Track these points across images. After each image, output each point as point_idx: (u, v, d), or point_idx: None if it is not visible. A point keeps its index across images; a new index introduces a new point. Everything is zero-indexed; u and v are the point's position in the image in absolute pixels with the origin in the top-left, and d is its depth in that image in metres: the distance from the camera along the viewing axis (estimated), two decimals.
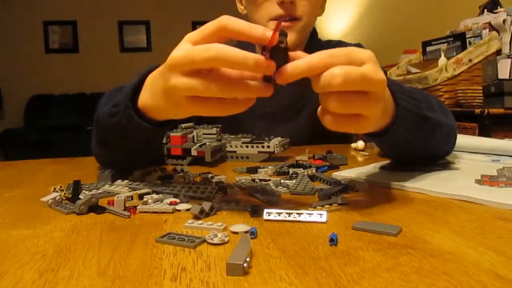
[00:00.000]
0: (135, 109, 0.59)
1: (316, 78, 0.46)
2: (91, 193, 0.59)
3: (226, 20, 0.46)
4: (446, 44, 2.15)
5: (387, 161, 0.78)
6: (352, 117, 0.48)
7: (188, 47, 0.47)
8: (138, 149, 0.68)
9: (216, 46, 0.45)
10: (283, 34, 0.45)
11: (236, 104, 0.49)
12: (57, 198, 0.56)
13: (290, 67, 0.46)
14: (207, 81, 0.46)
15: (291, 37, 1.01)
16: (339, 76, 0.44)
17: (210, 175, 0.69)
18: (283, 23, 1.00)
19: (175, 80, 0.47)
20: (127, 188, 0.61)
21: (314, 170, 0.73)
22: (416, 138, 0.63)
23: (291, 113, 1.14)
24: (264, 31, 0.44)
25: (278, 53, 0.45)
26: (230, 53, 0.44)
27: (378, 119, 0.53)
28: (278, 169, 0.74)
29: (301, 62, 0.46)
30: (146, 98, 0.57)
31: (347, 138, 1.18)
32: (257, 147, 0.86)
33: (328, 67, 0.45)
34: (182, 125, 0.88)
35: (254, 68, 0.44)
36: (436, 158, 0.77)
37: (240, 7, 1.16)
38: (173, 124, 0.63)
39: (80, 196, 0.57)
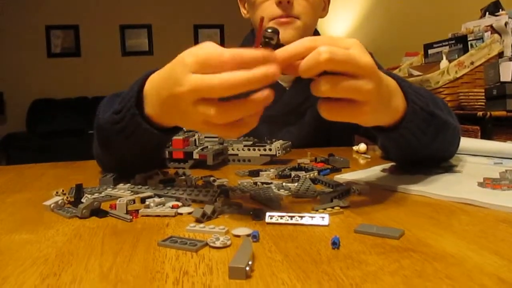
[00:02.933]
0: (143, 116, 0.59)
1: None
2: (93, 197, 0.59)
3: (229, 55, 0.45)
4: (448, 47, 2.15)
5: (389, 164, 0.78)
6: (347, 104, 0.49)
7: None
8: (143, 154, 0.68)
9: (227, 52, 0.45)
10: (275, 32, 0.46)
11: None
12: (59, 202, 0.56)
13: (279, 52, 0.46)
14: (211, 79, 0.46)
15: (288, 34, 1.02)
16: (325, 53, 0.45)
17: (212, 178, 0.69)
18: (281, 20, 1.02)
19: (183, 84, 0.48)
20: (129, 191, 0.61)
21: (316, 173, 0.73)
22: (425, 136, 0.63)
23: (294, 117, 1.14)
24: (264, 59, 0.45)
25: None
26: (241, 56, 0.45)
27: (379, 108, 0.52)
28: (280, 172, 0.74)
29: (288, 46, 0.47)
30: (154, 109, 0.58)
31: (351, 142, 1.18)
32: (259, 150, 0.86)
33: (314, 49, 0.46)
34: (184, 128, 0.88)
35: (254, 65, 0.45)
36: (442, 160, 0.76)
37: (243, 11, 1.17)
38: (180, 129, 0.63)
39: (82, 200, 0.57)
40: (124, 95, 0.61)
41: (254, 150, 0.86)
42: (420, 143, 0.64)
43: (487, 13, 2.15)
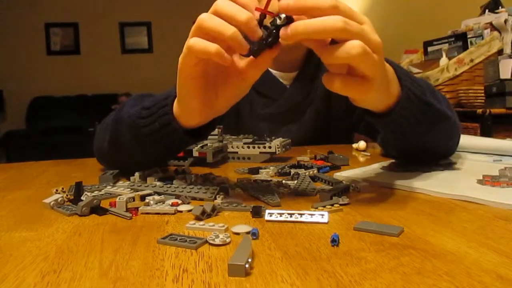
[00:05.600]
0: (173, 116, 0.61)
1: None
2: (93, 194, 0.59)
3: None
4: (447, 44, 2.15)
5: (388, 162, 0.78)
6: (357, 79, 0.49)
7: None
8: (158, 153, 0.69)
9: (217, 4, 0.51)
10: (279, 17, 0.47)
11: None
12: (59, 199, 0.56)
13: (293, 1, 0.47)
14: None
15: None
16: (340, 22, 0.46)
17: (211, 176, 0.69)
18: None
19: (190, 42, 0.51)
20: (128, 189, 0.61)
21: (315, 171, 0.73)
22: (420, 125, 0.62)
23: (295, 115, 1.14)
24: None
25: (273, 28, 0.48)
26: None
27: (380, 88, 0.53)
28: (280, 170, 0.74)
29: None
30: (176, 104, 0.60)
31: (351, 139, 1.18)
32: (259, 147, 0.86)
33: (330, 10, 0.47)
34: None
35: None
36: (441, 155, 0.76)
37: None
38: (205, 135, 0.66)
39: (82, 198, 0.57)
40: (158, 96, 0.64)
41: (254, 147, 0.86)
42: (415, 131, 0.64)
43: (486, 10, 2.15)
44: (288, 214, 0.47)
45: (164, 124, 0.61)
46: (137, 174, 0.68)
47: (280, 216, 0.47)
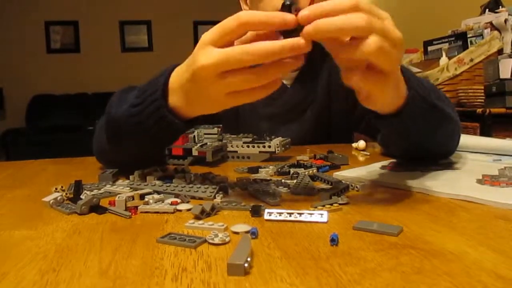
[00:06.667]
0: (167, 109, 0.59)
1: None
2: (92, 193, 0.59)
3: (245, 16, 0.47)
4: (447, 44, 2.15)
5: (388, 161, 0.78)
6: (375, 74, 0.49)
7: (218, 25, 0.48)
8: (156, 147, 0.69)
9: (243, 13, 0.47)
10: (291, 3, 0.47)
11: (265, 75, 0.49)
12: (59, 198, 0.56)
13: (314, 6, 0.47)
14: (238, 52, 0.47)
15: None
16: (363, 20, 0.45)
17: (211, 175, 0.69)
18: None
19: (207, 56, 0.48)
20: (128, 188, 0.61)
21: (315, 170, 0.73)
22: (426, 125, 0.63)
23: (295, 115, 1.14)
24: (282, 16, 0.46)
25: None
26: (258, 15, 0.46)
27: (394, 86, 0.53)
28: (279, 169, 0.74)
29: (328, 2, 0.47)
30: (178, 98, 0.58)
31: (351, 139, 1.18)
32: (258, 147, 0.86)
33: (351, 10, 0.46)
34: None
35: (284, 25, 0.46)
36: (443, 155, 0.76)
37: (245, 8, 1.16)
38: (200, 120, 0.63)
39: (81, 196, 0.57)
40: (142, 90, 0.61)
41: (254, 147, 0.86)
42: (422, 133, 0.64)
43: (487, 10, 2.15)
44: (288, 213, 0.47)
45: (158, 119, 0.59)
46: (136, 173, 0.68)
47: (280, 215, 0.47)
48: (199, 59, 0.49)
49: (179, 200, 0.55)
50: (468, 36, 2.08)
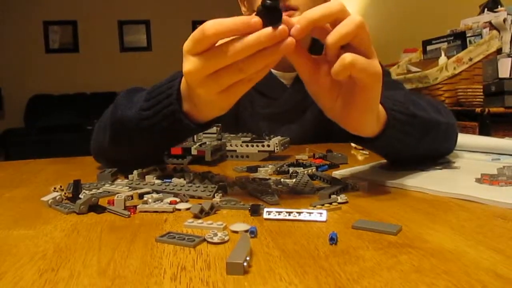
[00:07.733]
0: (182, 112, 0.59)
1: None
2: (91, 192, 0.59)
3: (209, 28, 0.47)
4: (446, 43, 2.15)
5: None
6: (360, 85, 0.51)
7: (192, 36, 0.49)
8: (164, 148, 0.71)
9: (208, 24, 0.47)
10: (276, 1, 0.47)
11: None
12: (57, 197, 0.56)
13: (307, 12, 0.48)
14: (214, 54, 0.48)
15: None
16: (359, 28, 0.49)
17: (210, 174, 0.69)
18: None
19: (188, 64, 0.50)
20: (127, 187, 0.61)
21: (314, 169, 0.73)
22: (409, 137, 0.63)
23: (295, 115, 1.14)
24: (246, 19, 0.46)
25: (271, 12, 0.47)
26: (222, 24, 0.47)
27: (374, 105, 0.55)
28: (278, 168, 0.74)
29: (318, 8, 0.49)
30: (187, 103, 0.59)
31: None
32: (257, 146, 0.86)
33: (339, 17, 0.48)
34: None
35: (248, 26, 0.46)
36: (437, 156, 0.76)
37: (243, 10, 1.16)
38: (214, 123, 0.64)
39: (80, 196, 0.57)
40: (154, 92, 0.61)
41: (253, 146, 0.86)
42: (407, 147, 0.65)
43: (485, 9, 2.15)
44: (287, 212, 0.47)
45: (173, 122, 0.60)
46: (135, 172, 0.68)
47: (279, 214, 0.47)
48: (184, 66, 0.51)
49: (178, 199, 0.54)
50: (467, 35, 2.08)
